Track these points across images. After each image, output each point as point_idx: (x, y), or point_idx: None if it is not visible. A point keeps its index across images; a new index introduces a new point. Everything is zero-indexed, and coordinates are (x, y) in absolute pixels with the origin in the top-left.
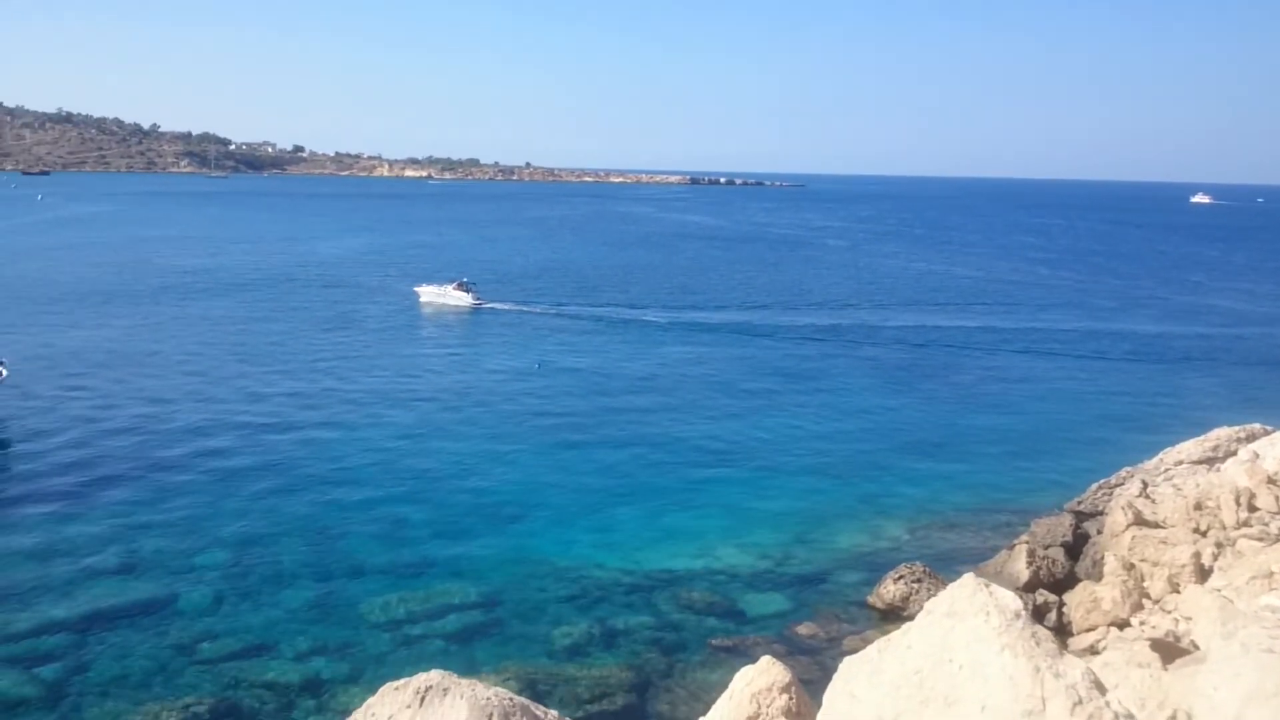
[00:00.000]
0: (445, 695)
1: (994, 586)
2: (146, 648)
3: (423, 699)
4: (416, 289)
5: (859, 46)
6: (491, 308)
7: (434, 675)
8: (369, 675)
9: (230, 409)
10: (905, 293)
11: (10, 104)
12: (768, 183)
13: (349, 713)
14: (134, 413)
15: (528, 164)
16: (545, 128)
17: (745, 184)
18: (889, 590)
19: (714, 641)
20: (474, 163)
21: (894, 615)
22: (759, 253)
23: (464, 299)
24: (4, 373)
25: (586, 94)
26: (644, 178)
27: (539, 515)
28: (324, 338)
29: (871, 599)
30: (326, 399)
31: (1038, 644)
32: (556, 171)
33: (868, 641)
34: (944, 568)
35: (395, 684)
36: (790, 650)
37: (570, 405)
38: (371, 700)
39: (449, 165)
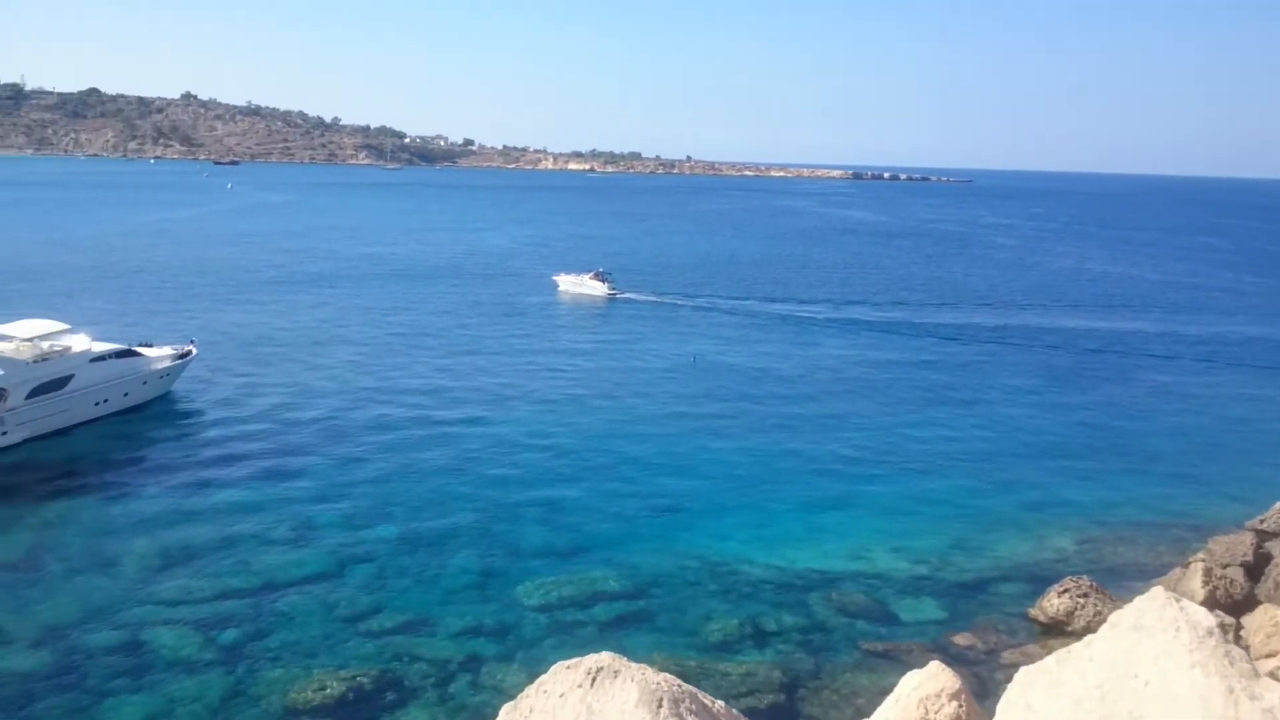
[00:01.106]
0: (616, 677)
1: (1185, 601)
2: (316, 618)
3: (594, 679)
4: (555, 278)
5: (1030, 39)
6: (627, 298)
7: (605, 657)
8: (522, 657)
9: (399, 392)
10: (1076, 294)
11: (204, 97)
12: (933, 178)
13: (504, 691)
14: (311, 393)
15: (688, 157)
16: (706, 121)
17: (910, 179)
18: (1052, 604)
19: (865, 645)
20: (635, 156)
21: (1057, 630)
22: (922, 249)
23: (600, 288)
24: (194, 351)
25: (749, 87)
26: (805, 172)
27: (692, 508)
28: (487, 325)
29: (1033, 612)
30: (487, 385)
31: (1232, 664)
32: (717, 165)
33: (1028, 655)
34: (1112, 583)
35: (566, 663)
36: (946, 660)
37: (725, 400)
38: (544, 678)
39: (611, 159)
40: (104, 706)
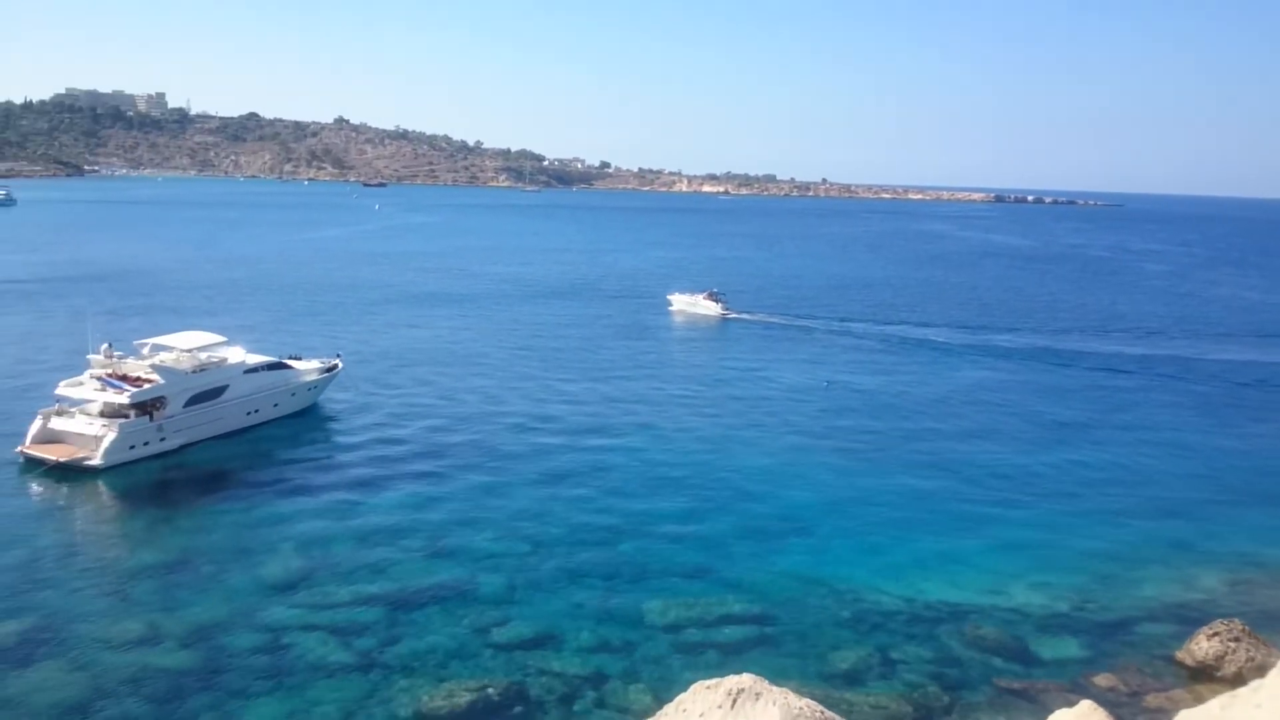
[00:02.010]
0: (758, 699)
1: None
2: (447, 629)
3: (734, 701)
4: (669, 296)
5: (1187, 56)
6: (738, 318)
7: (746, 679)
8: (648, 676)
9: (531, 409)
10: (1232, 324)
11: (356, 122)
12: (1080, 201)
13: (628, 709)
14: (448, 408)
15: (824, 180)
16: (842, 143)
17: (1055, 202)
18: (1201, 647)
19: (1001, 683)
20: (770, 178)
21: (1206, 675)
22: (1068, 275)
23: (713, 308)
24: (340, 365)
25: (886, 109)
26: (944, 195)
27: (821, 534)
28: (618, 343)
29: (1180, 655)
30: (618, 405)
31: None
32: (853, 188)
33: (1174, 700)
34: (1267, 627)
35: (707, 683)
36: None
37: (858, 424)
38: (683, 696)
39: (745, 181)
40: (246, 706)
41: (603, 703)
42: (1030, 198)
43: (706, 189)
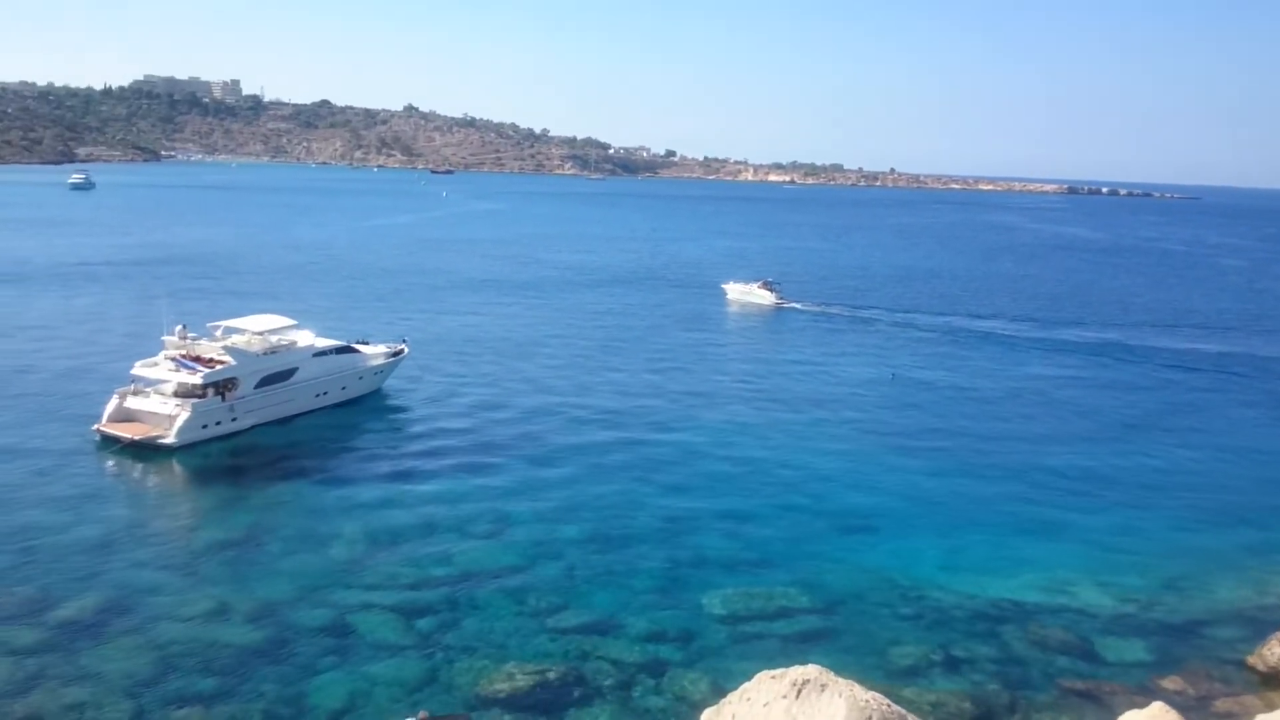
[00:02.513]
0: (823, 691)
1: None
2: (508, 611)
3: (799, 691)
4: (724, 285)
5: (1269, 46)
6: (793, 307)
7: (811, 669)
8: (705, 665)
9: (591, 396)
10: None
11: (425, 110)
12: (1156, 194)
13: (686, 698)
14: (511, 393)
15: (892, 170)
16: (911, 133)
17: (1130, 194)
18: (1274, 652)
19: (1065, 683)
20: (837, 168)
21: (1277, 681)
22: (1141, 269)
23: (767, 297)
24: (406, 350)
25: (954, 98)
26: (1016, 186)
27: (883, 528)
28: (680, 334)
29: (1252, 660)
30: (678, 393)
31: None
32: (921, 178)
33: (1245, 707)
34: None
35: (772, 673)
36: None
37: (922, 418)
38: (747, 685)
39: (812, 170)
40: (310, 682)
41: (660, 690)
42: (1104, 189)
43: (772, 178)
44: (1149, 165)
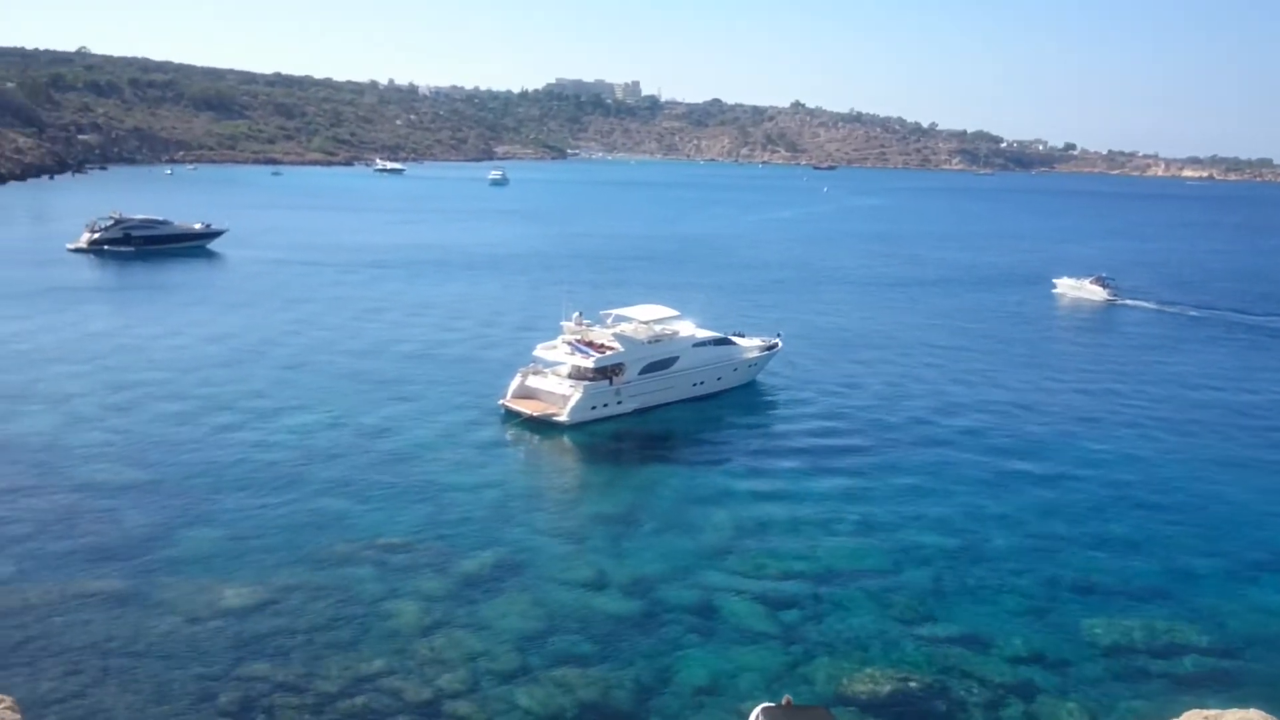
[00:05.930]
0: None
1: None
2: (871, 614)
3: None
4: (1055, 280)
5: None
6: (1126, 304)
7: (1253, 714)
8: (1081, 696)
9: (972, 399)
10: None
11: (811, 106)
12: None
13: None
14: (883, 393)
15: None
16: None
17: None
18: None
19: None
20: (1265, 163)
21: None
22: None
23: (1098, 293)
24: (780, 344)
25: None
26: None
27: None
28: (1069, 337)
29: None
30: (1059, 402)
31: None
32: None
33: None
34: None
35: (1205, 713)
36: None
37: None
38: None
39: (1234, 165)
40: (678, 657)
41: (1030, 715)
42: None
43: (1187, 174)
44: None
